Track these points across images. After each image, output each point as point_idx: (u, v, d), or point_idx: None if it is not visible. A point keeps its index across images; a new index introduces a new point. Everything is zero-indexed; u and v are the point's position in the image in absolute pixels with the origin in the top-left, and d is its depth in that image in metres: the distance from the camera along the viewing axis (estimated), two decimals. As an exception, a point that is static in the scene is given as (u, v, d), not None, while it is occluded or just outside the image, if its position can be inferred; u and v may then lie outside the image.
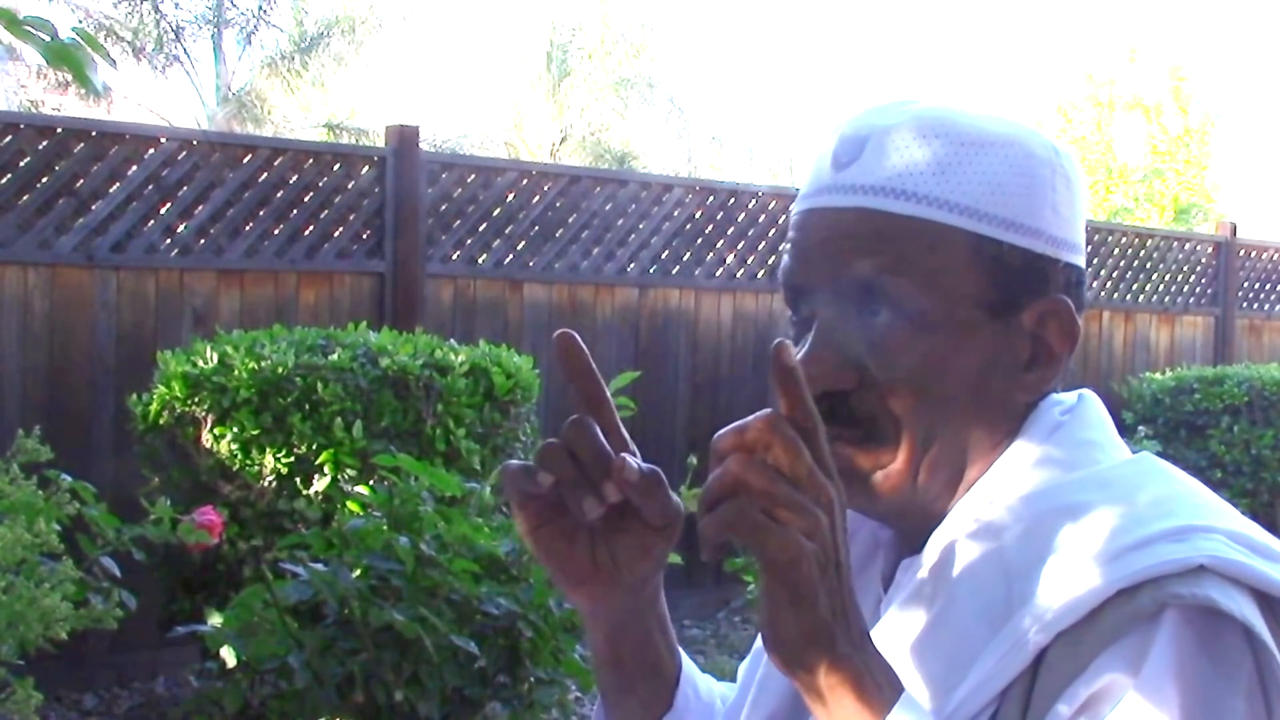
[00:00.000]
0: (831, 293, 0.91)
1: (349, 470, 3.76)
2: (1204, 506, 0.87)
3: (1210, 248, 8.29)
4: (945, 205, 0.89)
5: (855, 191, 0.91)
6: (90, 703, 4.57)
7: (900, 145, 0.90)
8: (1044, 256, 0.91)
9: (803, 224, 0.94)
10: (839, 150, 0.93)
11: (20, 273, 4.60)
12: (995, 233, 0.90)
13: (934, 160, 0.90)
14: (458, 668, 2.93)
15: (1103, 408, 0.96)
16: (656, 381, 5.86)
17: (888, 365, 0.89)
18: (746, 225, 6.40)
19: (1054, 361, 0.93)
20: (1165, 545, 0.81)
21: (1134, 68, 21.21)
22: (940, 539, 0.90)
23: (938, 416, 0.90)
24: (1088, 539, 0.83)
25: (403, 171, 5.35)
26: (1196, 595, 0.79)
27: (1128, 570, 0.80)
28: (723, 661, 5.36)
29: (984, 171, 0.90)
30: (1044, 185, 0.91)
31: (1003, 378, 0.91)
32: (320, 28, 20.93)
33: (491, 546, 3.05)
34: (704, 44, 37.77)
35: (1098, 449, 0.92)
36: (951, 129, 0.90)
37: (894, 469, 0.90)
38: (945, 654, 0.85)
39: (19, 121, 4.85)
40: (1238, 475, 6.90)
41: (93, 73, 1.18)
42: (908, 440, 0.90)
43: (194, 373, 3.94)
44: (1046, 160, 0.92)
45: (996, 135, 0.91)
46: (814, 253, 0.92)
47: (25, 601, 2.67)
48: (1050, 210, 0.91)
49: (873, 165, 0.90)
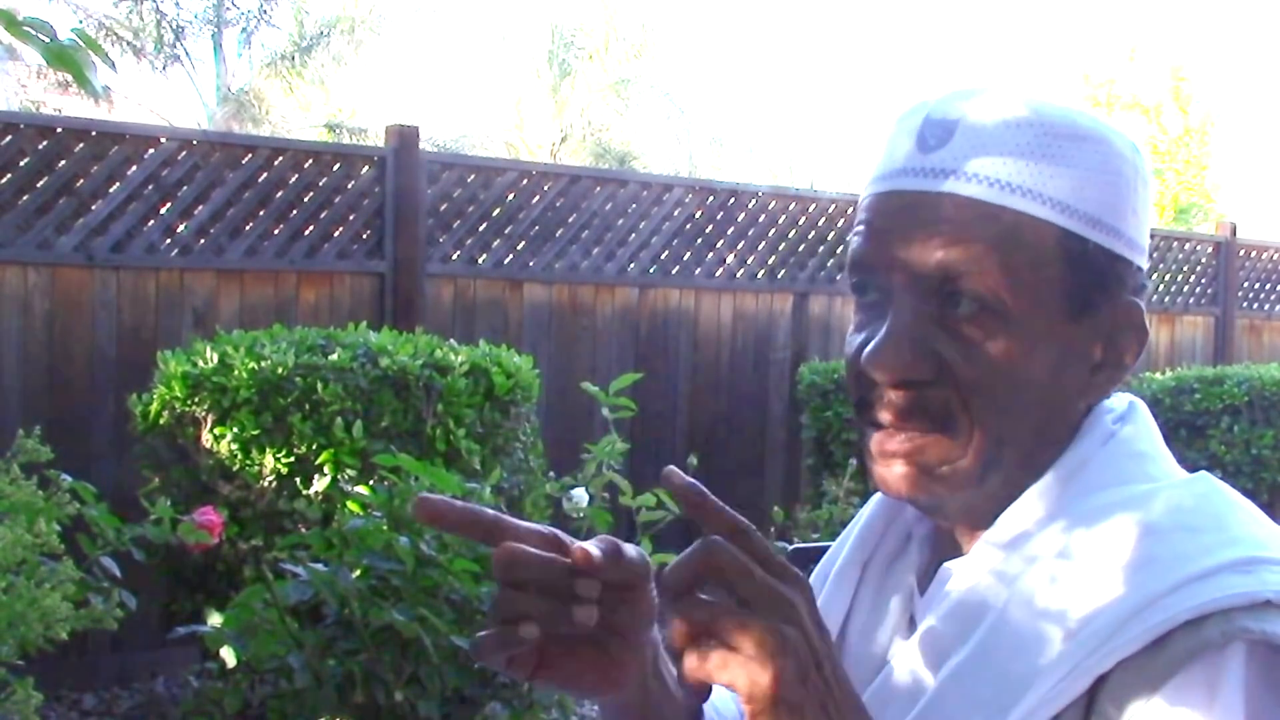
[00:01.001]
0: (911, 280, 0.87)
1: (349, 470, 3.76)
2: (1268, 537, 0.84)
3: (1210, 248, 8.29)
4: (1037, 197, 0.86)
5: (944, 176, 0.87)
6: (90, 703, 4.57)
7: (992, 132, 0.87)
8: (1122, 258, 0.89)
9: (881, 206, 0.89)
10: (925, 132, 0.89)
11: (20, 273, 4.60)
12: (1082, 230, 0.87)
13: (1025, 150, 0.86)
14: (458, 668, 2.93)
15: (1151, 416, 0.94)
16: (656, 381, 5.86)
17: (967, 359, 0.86)
18: (746, 225, 6.40)
19: (1122, 366, 0.91)
20: (1232, 577, 0.79)
21: (1133, 67, 21.21)
22: (989, 548, 0.88)
23: (1011, 416, 0.87)
24: (1151, 564, 0.81)
25: (403, 171, 5.36)
26: (1266, 631, 0.77)
27: (1194, 601, 0.78)
28: (723, 661, 5.35)
29: (1074, 166, 0.86)
30: (1128, 185, 0.89)
31: (1073, 379, 0.89)
32: (320, 27, 20.92)
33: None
34: (705, 44, 37.79)
35: (1150, 461, 0.91)
36: (1044, 120, 0.87)
37: (962, 465, 0.87)
38: (997, 673, 0.82)
39: (19, 121, 4.85)
40: (1238, 475, 6.90)
41: (92, 74, 1.18)
42: (979, 438, 0.86)
43: (194, 373, 3.94)
44: (1130, 160, 0.89)
45: (1086, 130, 0.88)
46: (894, 236, 0.88)
47: (25, 601, 2.67)
48: (1131, 211, 0.89)
49: (963, 150, 0.87)
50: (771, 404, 6.40)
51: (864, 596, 1.00)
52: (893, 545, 1.01)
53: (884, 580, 1.00)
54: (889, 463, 0.89)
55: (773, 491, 6.24)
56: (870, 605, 1.00)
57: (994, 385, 0.86)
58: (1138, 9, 41.94)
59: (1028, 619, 0.82)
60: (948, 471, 0.87)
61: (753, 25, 48.69)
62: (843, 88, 46.05)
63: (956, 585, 0.88)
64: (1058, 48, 49.56)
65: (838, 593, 1.01)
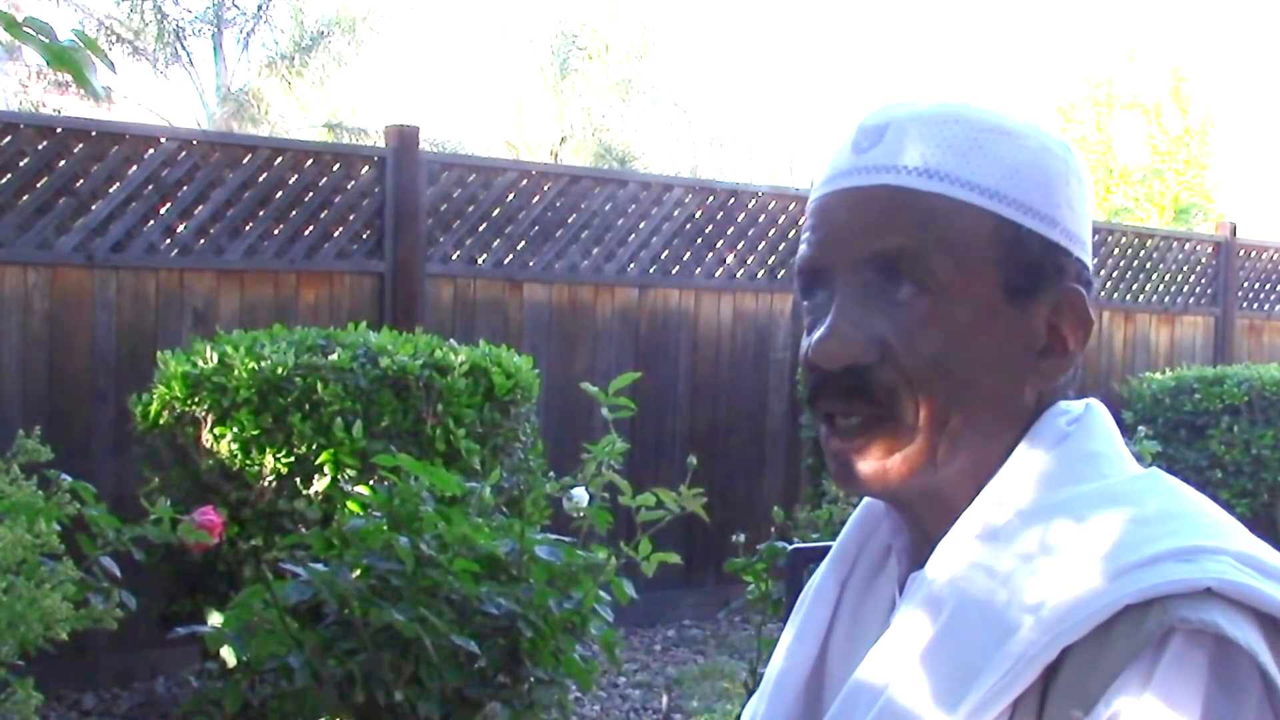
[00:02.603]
0: (852, 272, 0.91)
1: (349, 470, 3.76)
2: (1213, 526, 0.86)
3: (1210, 248, 8.29)
4: (968, 185, 0.90)
5: (878, 171, 0.91)
6: (90, 703, 4.57)
7: (921, 130, 0.92)
8: (1059, 246, 0.92)
9: (822, 208, 0.94)
10: (859, 138, 0.94)
11: (20, 273, 4.60)
12: (1015, 216, 0.90)
13: (954, 143, 0.91)
14: (458, 668, 2.93)
15: (1109, 418, 0.96)
16: (656, 381, 5.86)
17: (910, 340, 0.89)
18: (746, 225, 6.40)
19: (1067, 352, 0.93)
20: (1173, 565, 0.81)
21: (1133, 68, 21.20)
22: (947, 548, 0.90)
23: (956, 395, 0.90)
24: (1095, 554, 0.83)
25: (403, 171, 5.36)
26: (1203, 620, 0.78)
27: (1134, 587, 0.80)
28: (723, 662, 5.36)
29: (1003, 156, 0.91)
30: (1059, 178, 0.93)
31: (1018, 362, 0.92)
32: (320, 27, 20.92)
33: (491, 546, 3.05)
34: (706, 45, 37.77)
35: (1105, 461, 0.92)
36: (970, 117, 0.92)
37: (912, 450, 0.90)
38: (952, 665, 0.84)
39: (19, 121, 4.85)
40: (1238, 475, 6.90)
41: (92, 75, 1.18)
42: (926, 418, 0.89)
43: (194, 373, 3.94)
44: (1061, 156, 0.94)
45: (1014, 127, 0.92)
46: (836, 233, 0.92)
47: (25, 601, 2.67)
48: (1065, 203, 0.93)
49: (894, 146, 0.91)
50: (771, 404, 6.40)
51: (843, 614, 1.02)
52: (872, 561, 1.02)
53: (864, 597, 1.02)
54: (844, 458, 0.93)
55: (773, 491, 6.24)
56: (850, 622, 1.01)
57: (937, 364, 0.89)
58: (1138, 9, 41.93)
59: (979, 614, 0.85)
60: (899, 458, 0.90)
61: (753, 25, 48.67)
62: (843, 88, 46.03)
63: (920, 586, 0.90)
64: (1058, 48, 49.54)
65: (815, 612, 1.02)
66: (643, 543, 3.28)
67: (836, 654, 1.00)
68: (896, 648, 0.87)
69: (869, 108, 0.97)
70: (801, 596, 1.05)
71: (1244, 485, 6.87)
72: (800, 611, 1.03)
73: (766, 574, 3.66)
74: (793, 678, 1.01)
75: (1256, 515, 6.75)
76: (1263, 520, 6.72)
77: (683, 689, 4.97)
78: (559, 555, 3.12)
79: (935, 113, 0.92)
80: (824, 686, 1.00)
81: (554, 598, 3.04)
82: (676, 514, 3.31)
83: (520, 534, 3.13)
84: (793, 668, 1.01)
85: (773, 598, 3.64)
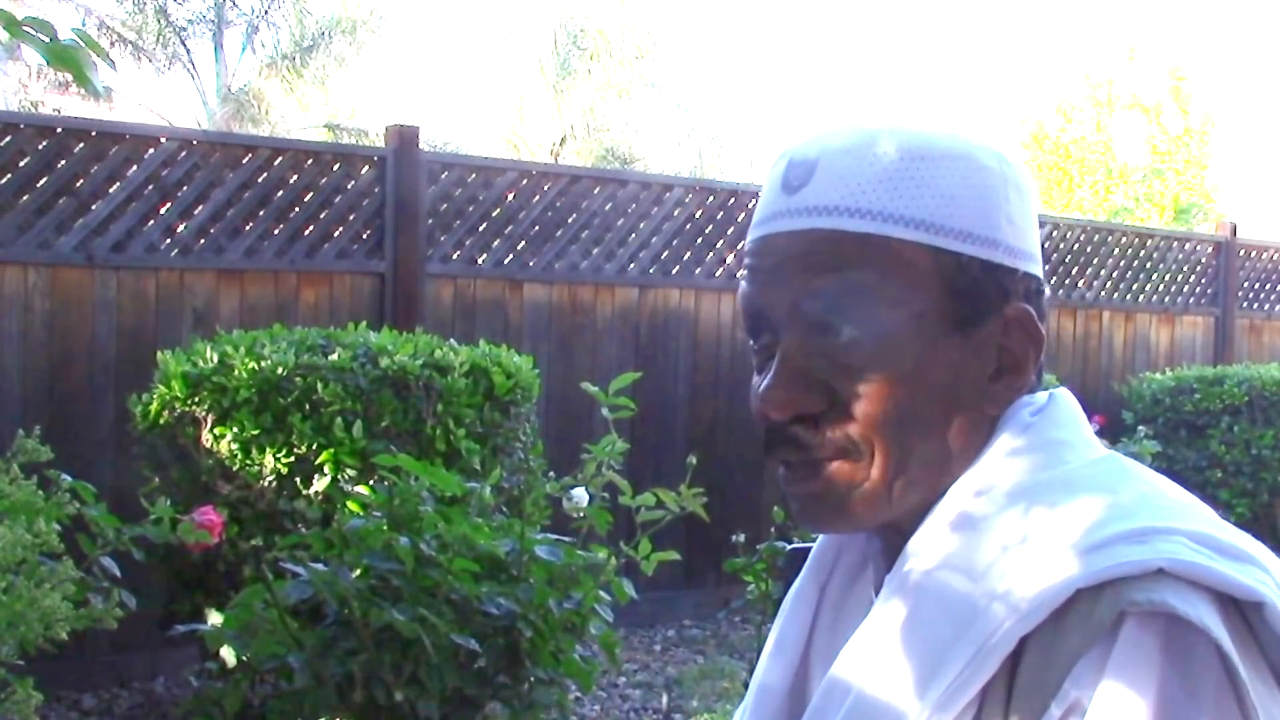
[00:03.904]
0: (791, 316, 0.91)
1: (349, 470, 3.76)
2: (1168, 508, 0.86)
3: (1210, 248, 8.29)
4: (899, 220, 0.89)
5: (808, 214, 0.90)
6: (90, 703, 4.57)
7: (850, 164, 0.90)
8: (1002, 266, 0.91)
9: (758, 250, 0.93)
10: (789, 174, 0.92)
11: (20, 273, 4.60)
12: (952, 245, 0.89)
13: (885, 176, 0.89)
14: (458, 668, 2.93)
15: (1075, 406, 0.96)
16: (656, 381, 5.86)
17: (853, 385, 0.89)
18: (746, 225, 6.36)
19: (1020, 370, 0.92)
20: (1124, 547, 0.81)
21: (1133, 67, 21.19)
22: (917, 543, 0.90)
23: (907, 431, 0.89)
24: (1050, 540, 0.83)
25: (403, 171, 5.36)
26: (1154, 601, 0.78)
27: (1086, 571, 0.80)
28: (723, 662, 5.36)
29: (936, 185, 0.89)
30: (996, 196, 0.91)
31: (970, 389, 0.91)
32: (321, 28, 20.92)
33: (491, 546, 3.05)
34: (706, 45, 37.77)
35: (1067, 448, 0.91)
36: (900, 145, 0.90)
37: (868, 488, 0.90)
38: (917, 655, 0.85)
39: (19, 121, 4.85)
40: (1238, 475, 6.90)
41: (93, 74, 1.18)
42: (880, 457, 0.89)
43: (194, 373, 3.94)
44: (997, 171, 0.92)
45: (945, 149, 0.91)
46: (771, 278, 0.92)
47: (25, 601, 2.67)
48: (1005, 220, 0.91)
49: (823, 186, 0.90)
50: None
51: (823, 619, 1.02)
52: (850, 565, 1.02)
53: (843, 600, 1.02)
54: (801, 501, 0.93)
55: (772, 491, 6.23)
56: (830, 626, 1.01)
57: (885, 407, 0.89)
58: (1137, 9, 41.92)
59: (944, 604, 0.85)
60: (857, 496, 0.91)
61: (754, 25, 48.68)
62: (843, 87, 46.06)
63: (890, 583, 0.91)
64: (1058, 48, 49.51)
65: (795, 617, 1.03)
66: (643, 543, 3.28)
67: (818, 658, 1.00)
68: (869, 643, 0.88)
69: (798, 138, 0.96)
70: (783, 603, 1.05)
71: (1244, 485, 6.87)
72: (781, 618, 1.04)
73: (766, 574, 3.66)
74: (775, 685, 1.01)
75: (1256, 515, 6.75)
76: (1263, 520, 6.72)
77: (683, 689, 4.97)
78: (559, 555, 3.12)
79: (864, 143, 0.91)
80: (807, 691, 1.00)
81: (554, 598, 3.04)
82: (676, 514, 3.31)
83: (520, 534, 3.13)
84: (775, 674, 1.01)
85: (773, 598, 3.64)
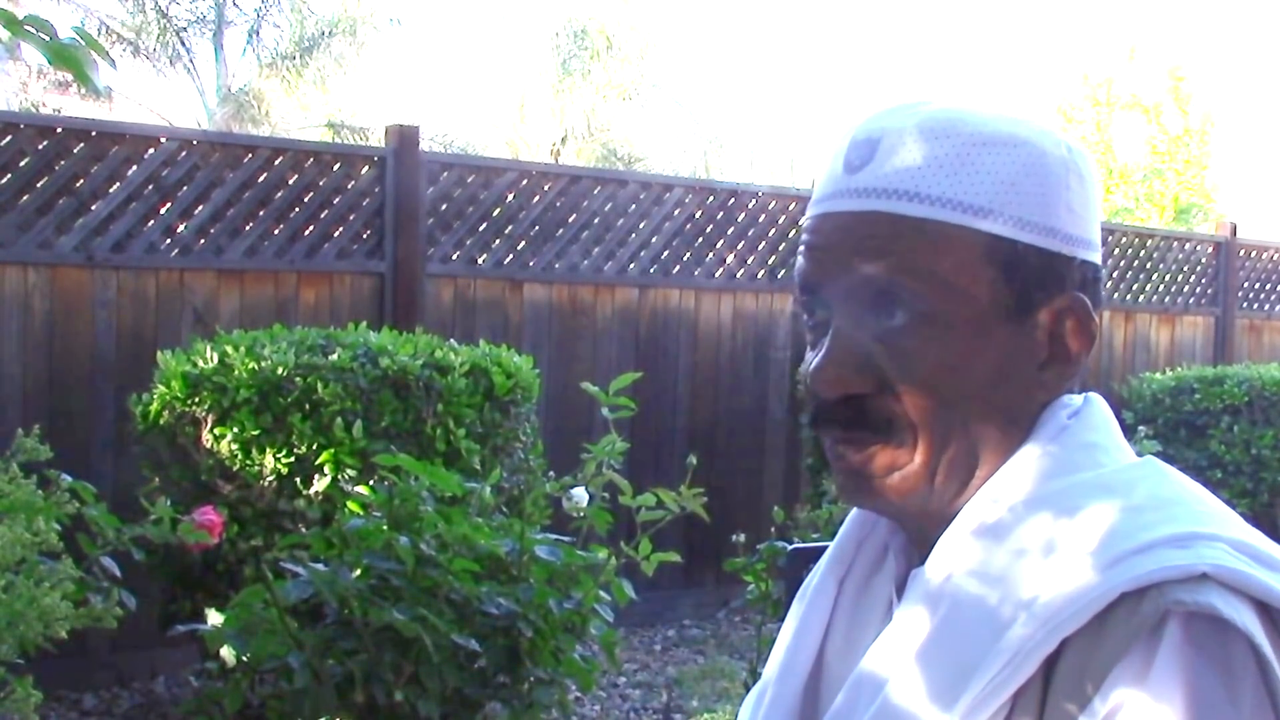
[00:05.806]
0: (846, 296, 0.91)
1: (349, 470, 3.76)
2: (1208, 513, 0.86)
3: (1210, 248, 8.29)
4: (957, 205, 0.89)
5: (867, 195, 0.90)
6: (90, 703, 4.57)
7: (911, 147, 0.90)
8: (1059, 255, 0.91)
9: (816, 228, 0.94)
10: (850, 154, 0.93)
11: (20, 273, 4.60)
12: (1009, 231, 0.89)
13: (945, 161, 0.89)
14: (458, 668, 2.93)
15: (1108, 410, 0.96)
16: (656, 381, 5.86)
17: (904, 368, 0.89)
18: (746, 225, 6.40)
19: (1071, 360, 0.92)
20: (1168, 550, 0.81)
21: (1133, 67, 21.19)
22: (945, 544, 0.90)
23: (954, 417, 0.89)
24: (1089, 542, 0.83)
25: (403, 171, 5.36)
26: (1199, 603, 0.78)
27: (1130, 574, 0.80)
28: (723, 662, 5.36)
29: (996, 170, 0.89)
30: (1058, 183, 0.91)
31: (1020, 377, 0.91)
32: (321, 28, 20.92)
33: (491, 546, 3.05)
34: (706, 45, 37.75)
35: (1101, 451, 0.92)
36: (962, 129, 0.90)
37: (911, 470, 0.90)
38: (951, 659, 0.84)
39: (19, 121, 4.85)
40: (1238, 475, 6.90)
41: (93, 72, 1.18)
42: (925, 441, 0.90)
43: (194, 373, 3.94)
44: (1060, 158, 0.91)
45: (1008, 134, 0.90)
46: (828, 257, 0.92)
47: (25, 601, 2.67)
48: (1065, 208, 0.91)
49: (884, 168, 0.90)
50: (771, 404, 6.39)
51: (841, 613, 1.02)
52: (870, 559, 1.02)
53: (861, 595, 1.02)
54: (843, 474, 0.94)
55: (773, 491, 6.24)
56: (848, 621, 1.01)
57: (933, 392, 0.89)
58: (1137, 9, 41.91)
59: (976, 611, 0.85)
60: (898, 478, 0.91)
61: (754, 25, 48.67)
62: (843, 87, 46.04)
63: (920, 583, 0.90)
64: (1058, 48, 49.51)
65: (814, 611, 1.03)
66: (643, 543, 3.28)
67: (834, 653, 1.00)
68: (896, 645, 0.88)
69: (863, 115, 0.96)
70: (799, 595, 1.05)
71: (1244, 485, 6.87)
72: (799, 610, 1.03)
73: (766, 574, 3.66)
74: (793, 677, 1.01)
75: (1257, 515, 6.75)
76: (1263, 520, 6.72)
77: (683, 689, 4.97)
78: (559, 555, 3.12)
79: (927, 125, 0.90)
80: (822, 685, 1.00)
81: (554, 598, 3.03)
82: (676, 514, 3.30)
83: (520, 534, 3.13)
84: (792, 667, 1.01)
85: (773, 597, 3.64)
